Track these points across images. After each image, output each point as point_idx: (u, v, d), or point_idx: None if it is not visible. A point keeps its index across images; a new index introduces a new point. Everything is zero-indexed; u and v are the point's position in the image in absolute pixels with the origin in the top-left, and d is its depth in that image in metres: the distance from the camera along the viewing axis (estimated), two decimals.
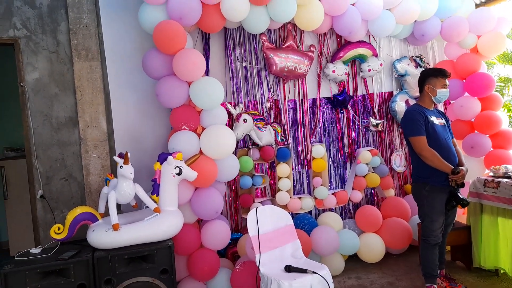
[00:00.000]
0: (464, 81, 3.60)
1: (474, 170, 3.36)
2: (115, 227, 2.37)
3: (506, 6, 3.55)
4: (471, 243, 3.14)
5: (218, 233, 2.87)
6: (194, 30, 3.07)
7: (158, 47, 2.69)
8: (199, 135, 2.83)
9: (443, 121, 2.83)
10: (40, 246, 2.56)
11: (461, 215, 3.48)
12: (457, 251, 3.33)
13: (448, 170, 2.61)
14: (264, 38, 3.28)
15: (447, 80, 2.78)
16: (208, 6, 2.76)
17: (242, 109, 3.28)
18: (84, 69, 3.03)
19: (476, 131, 3.57)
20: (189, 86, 2.78)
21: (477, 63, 3.52)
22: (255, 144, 3.36)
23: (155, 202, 2.59)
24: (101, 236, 2.37)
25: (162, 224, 2.49)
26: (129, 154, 2.51)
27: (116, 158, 2.50)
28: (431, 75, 2.79)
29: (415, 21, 3.47)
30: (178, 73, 2.70)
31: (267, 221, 2.70)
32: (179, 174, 2.57)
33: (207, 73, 3.17)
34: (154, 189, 2.61)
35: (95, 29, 3.05)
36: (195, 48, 3.02)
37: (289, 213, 3.35)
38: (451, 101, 3.77)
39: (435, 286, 2.70)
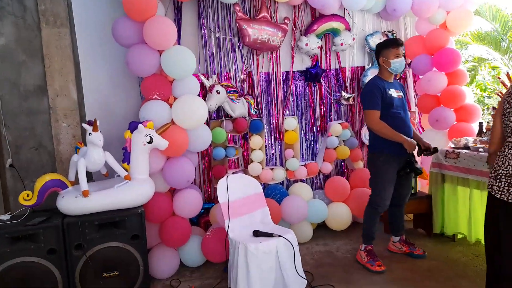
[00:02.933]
0: (432, 56, 3.70)
1: (438, 142, 3.49)
2: (85, 194, 2.39)
3: None
4: (432, 211, 3.32)
5: (190, 201, 2.93)
6: None
7: (128, 14, 2.66)
8: (170, 105, 2.84)
9: (401, 93, 2.88)
10: (9, 213, 2.57)
11: (424, 186, 3.66)
12: (419, 219, 3.52)
13: (401, 140, 2.68)
14: (237, 8, 3.26)
15: (401, 49, 2.77)
16: None
17: (215, 81, 3.29)
18: (53, 36, 2.96)
19: (442, 105, 3.70)
20: (160, 54, 2.77)
21: (446, 38, 3.61)
22: (228, 116, 3.40)
23: (126, 170, 2.62)
24: (71, 202, 2.39)
25: (132, 191, 2.53)
26: (98, 121, 2.51)
27: (85, 125, 2.50)
28: (383, 47, 2.81)
29: None
30: (149, 41, 2.68)
31: (237, 189, 2.77)
32: (149, 142, 2.59)
33: (179, 43, 3.16)
34: (125, 157, 2.63)
35: None
36: (167, 16, 2.99)
37: (261, 183, 3.46)
38: (420, 76, 3.88)
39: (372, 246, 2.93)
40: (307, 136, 3.81)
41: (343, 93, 3.77)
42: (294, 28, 3.60)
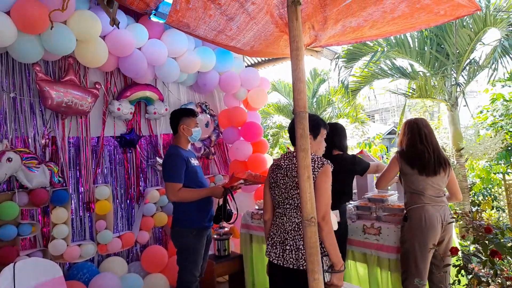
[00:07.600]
0: (239, 128, 4.19)
1: (246, 204, 3.88)
2: None
3: (268, 70, 4.46)
4: (244, 270, 3.54)
5: None
6: None
7: None
8: None
9: (197, 161, 2.87)
10: None
11: (237, 246, 3.92)
12: (233, 279, 3.69)
13: (207, 193, 2.65)
14: (38, 68, 2.97)
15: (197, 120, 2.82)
16: None
17: (6, 146, 2.82)
18: None
19: (249, 170, 4.15)
20: None
21: (246, 114, 4.16)
22: (23, 187, 2.91)
23: None
24: None
25: None
26: None
27: None
28: (184, 115, 2.73)
29: (198, 71, 3.87)
30: None
31: (29, 277, 2.34)
32: None
33: None
34: None
35: None
36: None
37: (65, 263, 3.03)
38: (229, 145, 4.30)
39: None
40: (122, 205, 3.61)
41: (158, 159, 3.79)
42: (106, 94, 3.50)
